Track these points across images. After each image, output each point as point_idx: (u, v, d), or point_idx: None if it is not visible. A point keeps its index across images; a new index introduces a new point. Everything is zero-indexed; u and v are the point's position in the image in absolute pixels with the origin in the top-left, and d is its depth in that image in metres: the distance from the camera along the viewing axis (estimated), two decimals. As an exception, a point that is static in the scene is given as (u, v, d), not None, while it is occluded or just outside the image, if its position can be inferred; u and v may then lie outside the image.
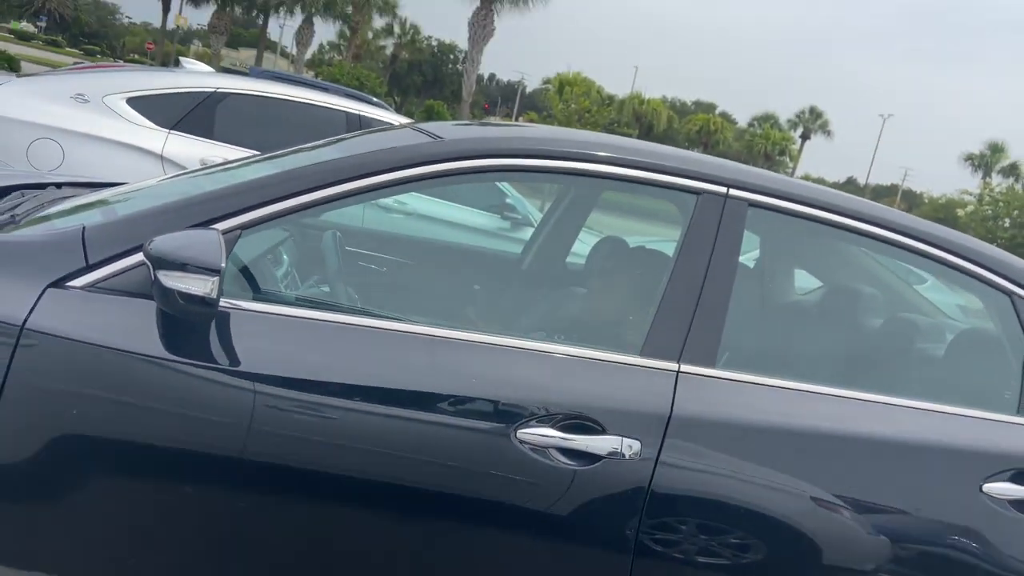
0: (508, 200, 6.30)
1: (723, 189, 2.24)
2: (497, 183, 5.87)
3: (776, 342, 2.49)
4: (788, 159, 56.06)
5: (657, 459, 1.96)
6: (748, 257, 2.67)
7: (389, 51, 57.09)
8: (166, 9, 48.01)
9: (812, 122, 60.14)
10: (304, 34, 46.54)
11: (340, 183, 2.04)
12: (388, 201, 4.87)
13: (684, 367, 2.07)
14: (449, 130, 2.31)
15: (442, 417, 1.87)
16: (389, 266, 3.19)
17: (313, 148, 2.42)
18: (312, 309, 1.97)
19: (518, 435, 1.90)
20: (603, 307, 2.50)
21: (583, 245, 3.16)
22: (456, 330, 1.99)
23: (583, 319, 2.45)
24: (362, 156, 2.08)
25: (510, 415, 1.92)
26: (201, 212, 1.93)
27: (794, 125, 60.26)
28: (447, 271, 3.21)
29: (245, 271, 2.03)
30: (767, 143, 55.62)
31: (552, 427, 1.95)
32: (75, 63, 10.02)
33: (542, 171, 2.18)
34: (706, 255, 2.15)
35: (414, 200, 5.81)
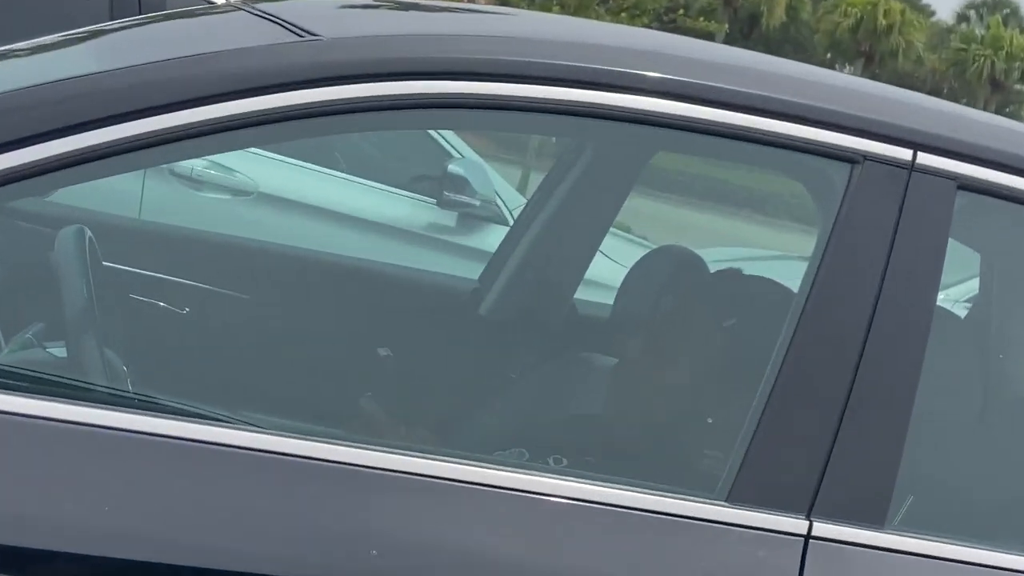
0: (455, 169, 5.36)
1: (906, 153, 1.81)
2: (433, 133, 5.07)
3: (1017, 475, 2.18)
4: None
5: None
6: (955, 297, 2.75)
7: None
8: None
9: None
10: None
11: (98, 126, 1.64)
12: (199, 166, 4.49)
13: (821, 526, 1.69)
14: (331, 19, 2.02)
15: None
16: (197, 303, 2.76)
17: (34, 50, 2.10)
18: (26, 397, 1.60)
19: None
20: (652, 398, 2.14)
21: (611, 265, 2.92)
22: (341, 444, 1.64)
23: (610, 426, 2.11)
24: (146, 72, 1.74)
25: None
26: None
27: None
28: (323, 316, 2.73)
29: None
30: (995, 56, 39.75)
31: None
32: None
33: (525, 109, 1.81)
34: (869, 291, 1.74)
35: (256, 166, 4.95)
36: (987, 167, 1.87)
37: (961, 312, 2.62)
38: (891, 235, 1.77)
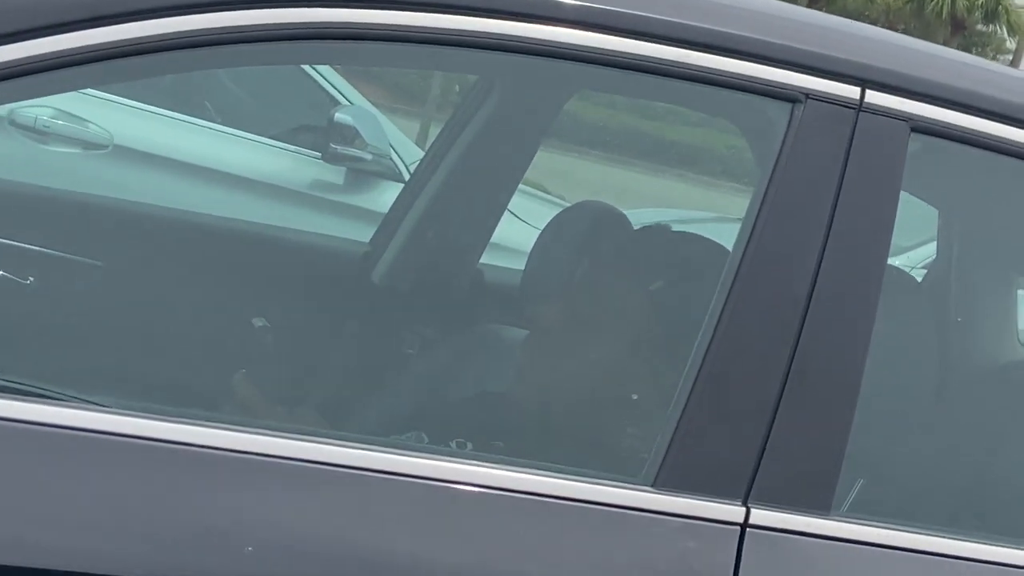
0: (342, 118, 5.36)
1: (854, 91, 1.83)
2: (317, 78, 5.12)
3: (978, 456, 2.24)
4: (1006, 30, 42.13)
5: None
6: (912, 262, 2.80)
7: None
8: None
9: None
10: None
11: None
12: (44, 115, 4.48)
13: (759, 513, 1.70)
14: None
15: None
16: (43, 272, 2.71)
17: None
18: None
19: None
20: (568, 373, 2.16)
21: (523, 227, 2.92)
22: (207, 426, 1.63)
23: (521, 405, 2.13)
24: None
25: None
26: None
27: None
28: (190, 285, 2.66)
29: None
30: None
31: None
32: None
33: (420, 41, 1.78)
34: (812, 249, 1.74)
35: (111, 115, 4.89)
36: (945, 106, 1.87)
37: (916, 274, 2.64)
38: (837, 184, 1.78)
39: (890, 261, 2.58)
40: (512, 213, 3.00)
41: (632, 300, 2.23)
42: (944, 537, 1.84)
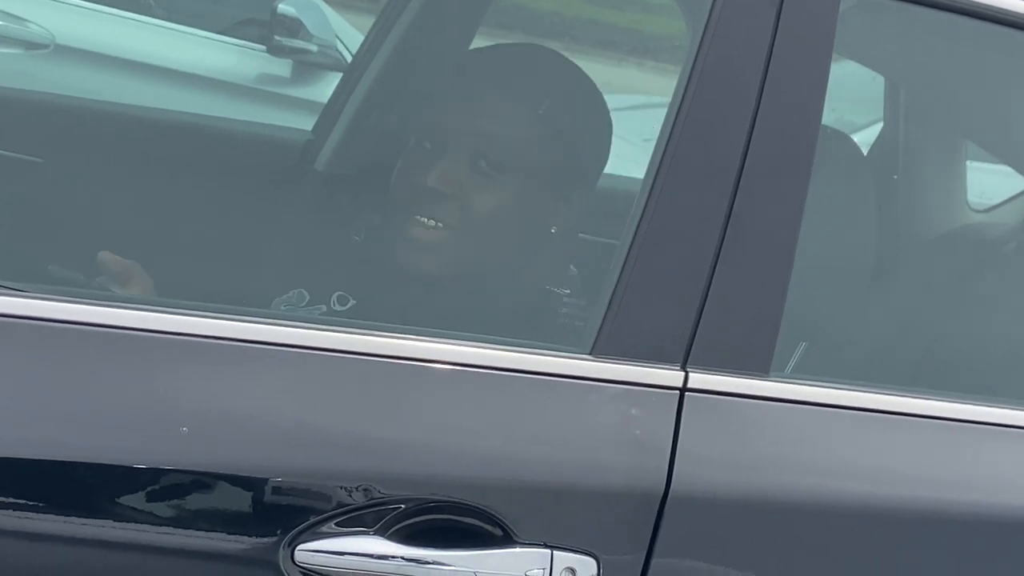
0: (286, 10, 5.21)
1: None
2: None
3: (923, 319, 2.24)
4: None
5: None
6: (867, 137, 2.67)
7: None
8: None
9: None
10: None
11: None
12: None
13: (697, 377, 1.69)
14: None
15: (103, 528, 1.53)
16: None
17: None
18: None
19: (296, 555, 1.55)
20: (494, 234, 2.05)
21: None
22: (140, 309, 1.61)
23: (452, 259, 2.02)
24: None
25: (277, 511, 1.56)
26: None
27: None
28: (132, 177, 2.58)
29: None
30: None
31: (381, 532, 1.57)
32: None
33: None
34: (744, 111, 1.70)
35: (51, 14, 4.80)
36: None
37: (862, 144, 2.63)
38: (768, 45, 1.74)
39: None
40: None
41: (566, 165, 2.18)
42: (887, 394, 1.84)
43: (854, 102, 3.71)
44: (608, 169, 3.39)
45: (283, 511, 1.58)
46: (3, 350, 1.59)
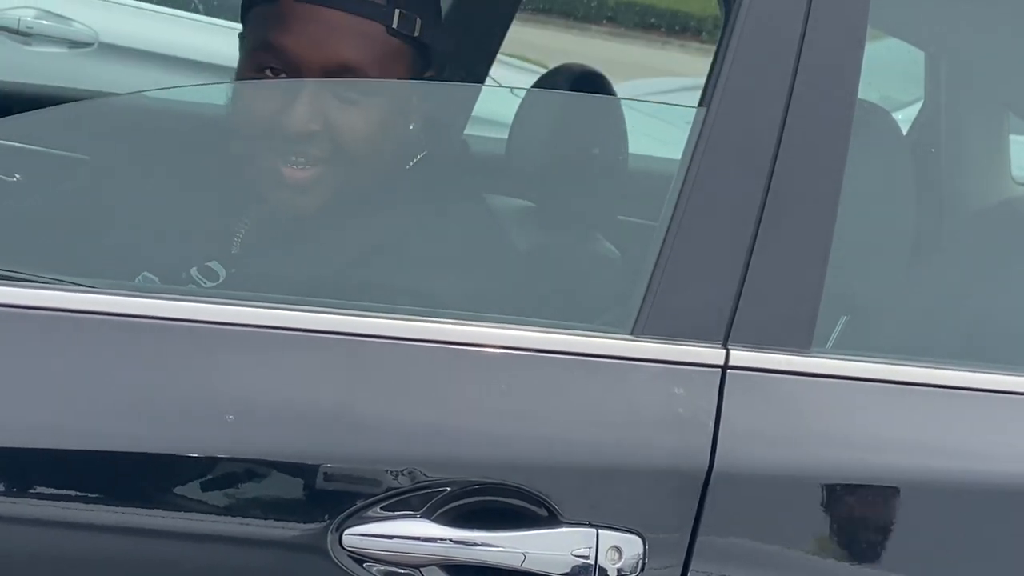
0: None
1: None
2: None
3: (966, 291, 2.20)
4: None
5: None
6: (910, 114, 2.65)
7: None
8: None
9: None
10: None
11: None
12: (27, 16, 4.49)
13: (739, 354, 1.68)
14: None
15: (153, 517, 1.54)
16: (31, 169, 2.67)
17: None
18: None
19: (344, 540, 1.56)
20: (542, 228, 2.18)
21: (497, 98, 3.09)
22: (185, 299, 1.63)
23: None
24: None
25: (324, 497, 1.58)
26: None
27: None
28: (179, 173, 2.32)
29: None
30: None
31: (427, 515, 1.58)
32: None
33: None
34: (780, 87, 1.69)
35: (95, 12, 4.81)
36: None
37: (902, 124, 2.60)
38: (803, 20, 1.73)
39: (895, 115, 2.56)
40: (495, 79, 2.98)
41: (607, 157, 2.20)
42: (930, 367, 1.83)
43: (898, 79, 3.69)
44: (652, 151, 3.39)
45: (330, 496, 1.59)
46: (49, 343, 1.60)
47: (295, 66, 1.84)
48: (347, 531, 1.58)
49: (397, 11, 1.83)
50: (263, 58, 1.90)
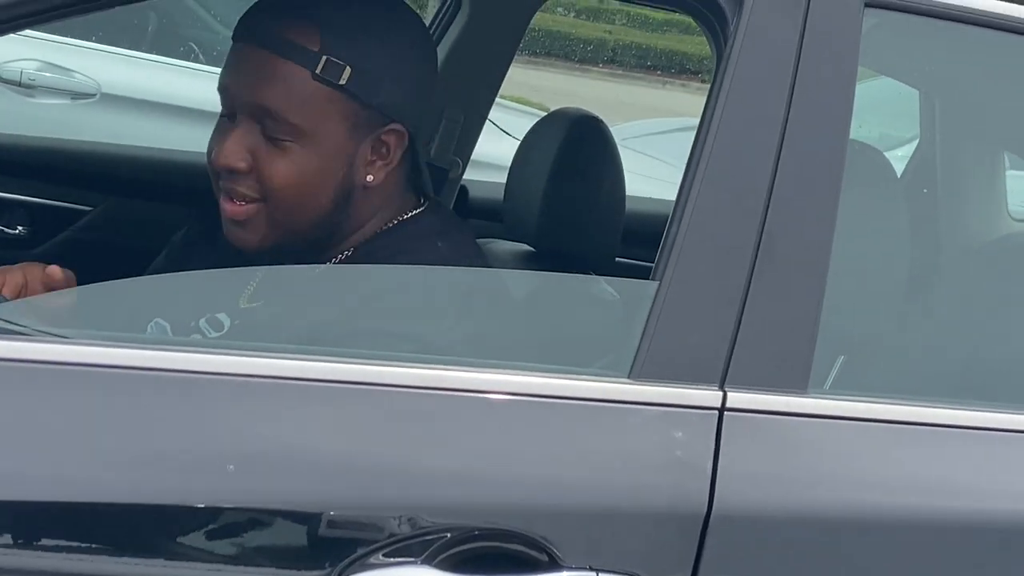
0: None
1: None
2: None
3: (964, 329, 2.23)
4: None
5: None
6: (897, 141, 2.79)
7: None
8: None
9: None
10: None
11: None
12: (29, 68, 4.49)
13: (736, 395, 1.68)
14: None
15: (155, 567, 1.54)
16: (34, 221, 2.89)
17: None
18: None
19: None
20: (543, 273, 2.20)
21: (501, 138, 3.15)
22: (186, 351, 1.63)
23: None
24: None
25: (325, 544, 1.55)
26: None
27: None
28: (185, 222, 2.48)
29: None
30: None
31: (428, 561, 1.57)
32: None
33: None
34: (772, 131, 1.71)
35: (96, 63, 4.77)
36: None
37: (898, 162, 2.60)
38: (794, 64, 1.75)
39: (893, 153, 2.54)
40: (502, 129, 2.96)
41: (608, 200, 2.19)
42: (928, 407, 1.81)
43: (898, 116, 3.68)
44: (650, 192, 3.38)
45: (332, 544, 1.58)
46: (46, 395, 1.58)
47: (234, 106, 1.85)
48: None
49: (325, 57, 1.82)
50: (221, 99, 1.94)
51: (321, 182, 1.88)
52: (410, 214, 1.96)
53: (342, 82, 1.84)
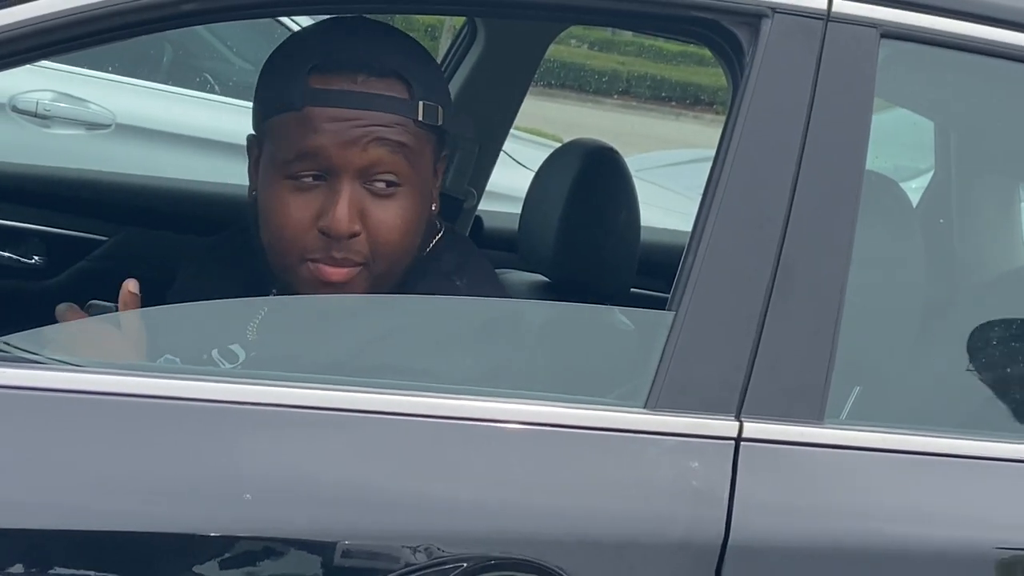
0: None
1: (821, 1, 1.76)
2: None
3: (980, 360, 2.15)
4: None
5: None
6: (913, 172, 2.80)
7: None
8: None
9: None
10: None
11: None
12: (45, 99, 4.52)
13: (752, 426, 1.67)
14: None
15: None
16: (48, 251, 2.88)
17: None
18: None
19: None
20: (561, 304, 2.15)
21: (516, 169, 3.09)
22: (197, 379, 1.64)
23: (510, 335, 1.96)
24: None
25: (343, 573, 1.56)
26: None
27: None
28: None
29: None
30: None
31: None
32: None
33: None
34: (788, 163, 1.70)
35: (111, 94, 4.80)
36: (913, 9, 1.80)
37: (913, 194, 2.59)
38: (810, 96, 1.74)
39: (908, 184, 2.53)
40: (518, 161, 2.96)
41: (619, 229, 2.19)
42: (944, 437, 1.81)
43: (910, 148, 3.67)
44: (665, 223, 3.37)
45: (348, 573, 1.57)
46: (68, 423, 1.57)
47: (332, 168, 1.80)
48: None
49: (421, 103, 1.82)
50: (299, 166, 1.85)
51: (420, 219, 1.87)
52: (432, 244, 1.95)
53: (439, 123, 1.85)
